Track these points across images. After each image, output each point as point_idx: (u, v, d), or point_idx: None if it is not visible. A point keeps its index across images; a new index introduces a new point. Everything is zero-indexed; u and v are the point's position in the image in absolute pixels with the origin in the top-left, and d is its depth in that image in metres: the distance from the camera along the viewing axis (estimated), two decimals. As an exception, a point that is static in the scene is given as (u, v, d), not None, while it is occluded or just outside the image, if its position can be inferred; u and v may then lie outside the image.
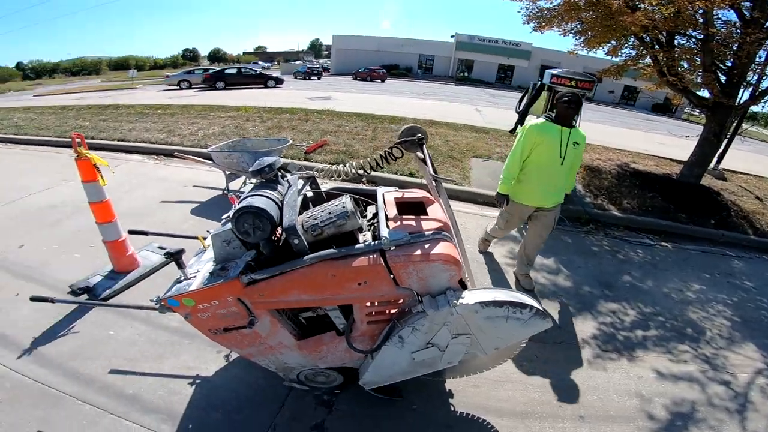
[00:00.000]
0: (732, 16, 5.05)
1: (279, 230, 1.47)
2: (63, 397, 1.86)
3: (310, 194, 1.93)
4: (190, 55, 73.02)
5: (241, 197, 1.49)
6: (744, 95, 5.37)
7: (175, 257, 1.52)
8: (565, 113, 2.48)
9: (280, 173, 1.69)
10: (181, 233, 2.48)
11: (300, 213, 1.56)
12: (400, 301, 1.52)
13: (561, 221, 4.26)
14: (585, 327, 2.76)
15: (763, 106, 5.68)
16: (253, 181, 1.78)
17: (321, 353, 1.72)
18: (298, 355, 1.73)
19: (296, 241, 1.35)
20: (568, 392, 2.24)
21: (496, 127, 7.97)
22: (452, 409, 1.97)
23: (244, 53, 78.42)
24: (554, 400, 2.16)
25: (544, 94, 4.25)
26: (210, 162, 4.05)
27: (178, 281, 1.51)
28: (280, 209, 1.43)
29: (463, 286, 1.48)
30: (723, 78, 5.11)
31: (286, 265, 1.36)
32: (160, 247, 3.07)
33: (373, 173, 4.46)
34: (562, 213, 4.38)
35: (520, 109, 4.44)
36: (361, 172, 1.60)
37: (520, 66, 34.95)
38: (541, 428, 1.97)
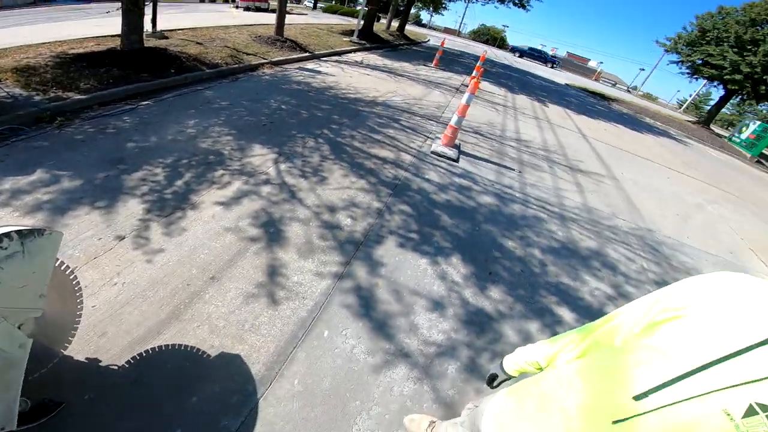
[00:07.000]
0: None
1: None
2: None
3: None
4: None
5: None
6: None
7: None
8: None
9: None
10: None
11: None
12: None
13: (19, 131, 3.18)
14: (133, 213, 2.42)
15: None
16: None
17: None
18: None
19: None
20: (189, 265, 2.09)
21: None
22: (118, 366, 1.54)
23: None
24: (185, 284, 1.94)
25: None
26: None
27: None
28: None
29: None
30: None
31: None
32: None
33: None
34: (12, 123, 3.23)
35: None
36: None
37: None
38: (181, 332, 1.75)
